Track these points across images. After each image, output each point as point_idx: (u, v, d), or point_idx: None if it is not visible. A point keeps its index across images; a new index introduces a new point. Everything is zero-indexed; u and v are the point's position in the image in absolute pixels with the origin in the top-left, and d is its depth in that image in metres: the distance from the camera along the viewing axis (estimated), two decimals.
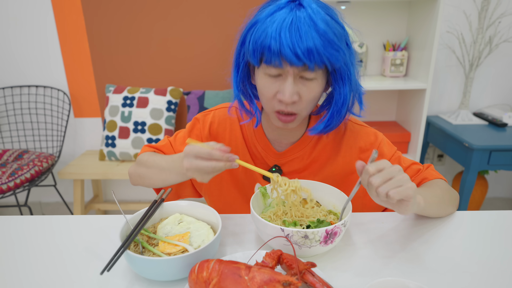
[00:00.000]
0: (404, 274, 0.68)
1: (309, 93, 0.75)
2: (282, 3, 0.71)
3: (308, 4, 0.70)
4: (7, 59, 2.34)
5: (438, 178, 0.90)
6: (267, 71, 0.74)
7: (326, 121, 0.82)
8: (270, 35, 0.68)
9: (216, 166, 0.69)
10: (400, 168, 0.66)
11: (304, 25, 0.68)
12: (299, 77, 0.74)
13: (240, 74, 0.83)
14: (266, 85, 0.76)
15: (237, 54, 0.81)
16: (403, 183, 0.64)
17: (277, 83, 0.74)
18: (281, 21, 0.68)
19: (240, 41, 0.79)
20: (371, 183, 0.65)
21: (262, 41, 0.70)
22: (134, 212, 0.84)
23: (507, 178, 2.64)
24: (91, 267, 0.71)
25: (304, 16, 0.68)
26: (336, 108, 0.80)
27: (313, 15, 0.68)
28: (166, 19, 2.27)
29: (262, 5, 0.76)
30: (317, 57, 0.68)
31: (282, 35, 0.67)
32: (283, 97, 0.73)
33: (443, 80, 2.38)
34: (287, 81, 0.73)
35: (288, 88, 0.73)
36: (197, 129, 0.95)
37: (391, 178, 0.64)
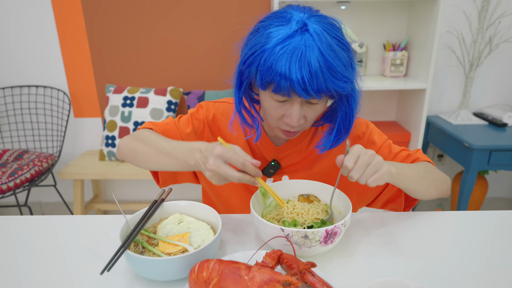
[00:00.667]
0: (404, 274, 0.68)
1: (314, 113, 0.78)
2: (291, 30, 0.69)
3: (315, 31, 0.68)
4: (7, 59, 2.34)
5: (424, 160, 0.91)
6: (274, 97, 0.74)
7: (333, 137, 0.83)
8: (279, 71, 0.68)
9: (243, 179, 0.68)
10: (373, 152, 0.71)
11: (315, 60, 0.67)
12: (305, 101, 0.75)
13: (242, 91, 0.82)
14: (272, 108, 0.77)
15: (239, 72, 0.80)
16: (378, 167, 0.70)
17: (283, 107, 0.76)
18: (291, 53, 0.67)
19: (244, 62, 0.76)
20: (352, 178, 0.70)
21: (271, 74, 0.69)
22: (134, 212, 0.84)
23: (507, 178, 2.64)
24: (91, 267, 0.71)
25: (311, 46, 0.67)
26: (343, 124, 0.82)
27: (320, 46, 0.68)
28: (166, 19, 2.28)
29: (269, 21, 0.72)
30: (326, 91, 0.70)
31: (292, 69, 0.67)
32: (290, 122, 0.76)
33: (443, 80, 2.38)
34: (294, 107, 0.74)
35: (296, 114, 0.74)
36: (201, 114, 0.95)
37: (367, 165, 0.70)
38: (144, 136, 0.86)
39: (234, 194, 0.96)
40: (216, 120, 0.95)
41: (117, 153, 0.91)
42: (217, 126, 0.95)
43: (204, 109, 0.96)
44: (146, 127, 0.92)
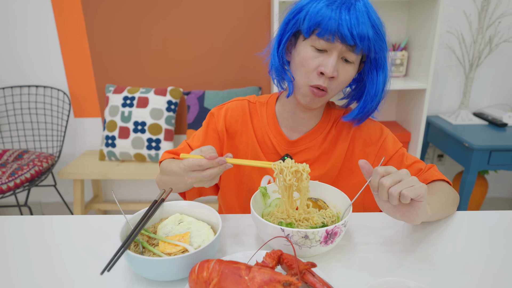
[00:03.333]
0: (404, 274, 0.68)
1: (345, 74, 0.81)
2: None
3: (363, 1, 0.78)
4: (7, 59, 2.34)
5: (439, 178, 0.89)
6: (315, 44, 0.78)
7: (359, 108, 0.88)
8: (330, 12, 0.74)
9: (212, 173, 0.71)
10: (408, 172, 0.67)
11: (362, 13, 0.76)
12: (341, 57, 0.80)
13: (283, 44, 0.85)
14: (309, 57, 0.80)
15: (286, 21, 0.84)
16: (414, 183, 0.65)
17: (320, 57, 0.79)
18: (341, 3, 0.75)
19: (295, 10, 0.81)
20: (382, 184, 0.65)
21: (321, 15, 0.75)
22: (134, 212, 0.84)
23: (507, 178, 2.64)
24: (91, 267, 0.71)
25: (360, 7, 0.76)
26: (369, 96, 0.86)
27: (368, 8, 0.77)
28: (166, 19, 2.28)
29: None
30: (367, 42, 0.76)
31: (342, 15, 0.74)
32: (325, 69, 0.78)
33: (443, 80, 2.38)
34: (332, 57, 0.78)
35: (332, 62, 0.78)
36: (213, 123, 0.98)
37: (400, 180, 0.65)
38: (163, 168, 0.94)
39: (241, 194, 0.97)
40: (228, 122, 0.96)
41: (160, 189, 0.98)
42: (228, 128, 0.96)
43: (215, 117, 0.98)
44: (163, 159, 0.98)
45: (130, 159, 2.32)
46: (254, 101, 0.99)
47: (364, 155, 0.93)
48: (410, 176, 0.66)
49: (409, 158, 0.93)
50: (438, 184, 0.88)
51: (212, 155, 0.70)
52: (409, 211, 0.67)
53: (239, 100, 0.99)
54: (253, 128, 0.96)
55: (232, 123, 0.97)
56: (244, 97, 1.00)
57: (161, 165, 0.97)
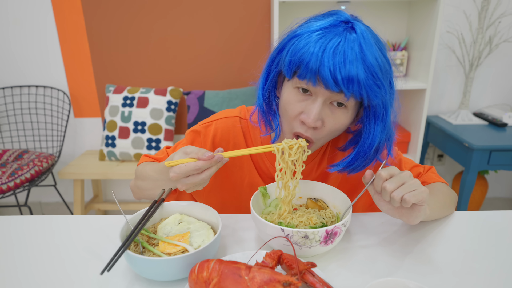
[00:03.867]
0: (404, 274, 0.68)
1: (334, 122, 0.71)
2: (333, 20, 0.66)
3: (361, 31, 0.65)
4: (7, 59, 2.34)
5: (437, 181, 0.89)
6: (298, 85, 0.69)
7: (349, 160, 0.75)
8: (311, 51, 0.63)
9: (211, 174, 0.68)
10: (410, 174, 0.67)
11: (352, 51, 0.63)
12: (329, 101, 0.69)
13: (269, 84, 0.77)
14: (292, 101, 0.71)
15: (270, 60, 0.75)
16: (416, 187, 0.65)
17: (304, 102, 0.70)
18: (327, 40, 0.63)
19: (278, 48, 0.73)
20: (385, 188, 0.65)
21: (302, 54, 0.65)
22: (134, 212, 0.84)
23: (507, 178, 2.64)
24: (91, 267, 0.71)
25: (353, 41, 0.63)
26: (362, 147, 0.74)
27: (363, 44, 0.63)
28: (166, 19, 2.28)
29: (311, 18, 0.70)
30: (357, 87, 0.63)
31: (325, 55, 0.62)
32: (306, 119, 0.69)
33: (443, 80, 2.38)
34: (316, 103, 0.68)
35: (315, 110, 0.68)
36: (198, 143, 0.89)
37: (403, 183, 0.65)
38: (138, 172, 0.88)
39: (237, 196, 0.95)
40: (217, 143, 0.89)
41: (134, 196, 0.93)
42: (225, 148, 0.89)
43: (201, 137, 0.89)
44: (141, 162, 0.93)
45: (130, 159, 2.32)
46: (246, 117, 0.89)
47: None
48: (413, 179, 0.66)
49: (407, 163, 0.92)
50: (437, 185, 0.88)
51: (209, 155, 0.66)
52: (409, 212, 0.68)
53: (229, 118, 0.89)
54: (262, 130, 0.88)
55: (223, 145, 0.89)
56: (234, 111, 0.91)
57: (136, 169, 0.90)
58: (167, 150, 0.94)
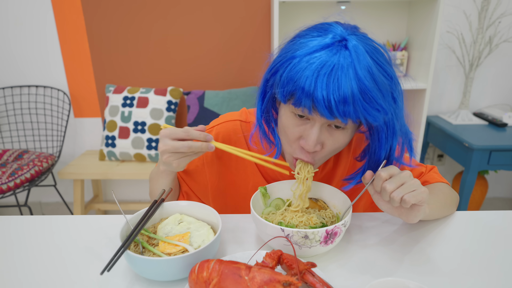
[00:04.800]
0: (404, 274, 0.68)
1: (334, 143, 0.70)
2: (327, 42, 0.62)
3: (355, 49, 0.61)
4: (7, 59, 2.34)
5: (439, 181, 0.89)
6: (294, 111, 0.68)
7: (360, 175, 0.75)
8: (305, 78, 0.61)
9: (193, 146, 0.68)
10: (410, 174, 0.67)
11: (346, 75, 0.59)
12: (327, 125, 0.68)
13: (266, 103, 0.75)
14: (290, 126, 0.70)
15: (264, 82, 0.73)
16: (416, 187, 0.65)
17: (302, 126, 0.69)
18: (320, 65, 0.60)
19: (271, 70, 0.69)
20: (385, 188, 0.65)
21: (295, 82, 0.62)
22: (134, 212, 0.84)
23: (507, 178, 2.64)
24: (91, 267, 0.71)
25: (347, 64, 0.60)
26: (371, 160, 0.73)
27: (357, 64, 0.60)
28: (166, 19, 2.28)
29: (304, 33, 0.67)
30: (353, 113, 0.61)
31: (318, 83, 0.60)
32: (305, 145, 0.68)
33: (443, 80, 2.38)
34: (313, 129, 0.67)
35: (313, 136, 0.66)
36: None
37: (403, 183, 0.65)
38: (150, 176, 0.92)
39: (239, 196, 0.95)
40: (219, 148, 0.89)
41: None
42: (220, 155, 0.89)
43: None
44: None
45: (130, 159, 2.32)
46: (247, 119, 0.88)
47: None
48: (413, 179, 0.66)
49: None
50: (438, 185, 0.88)
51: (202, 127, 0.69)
52: (408, 212, 0.69)
53: (230, 121, 0.89)
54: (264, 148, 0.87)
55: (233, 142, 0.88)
56: (235, 114, 0.90)
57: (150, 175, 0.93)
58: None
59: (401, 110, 0.68)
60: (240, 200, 0.94)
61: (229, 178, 0.92)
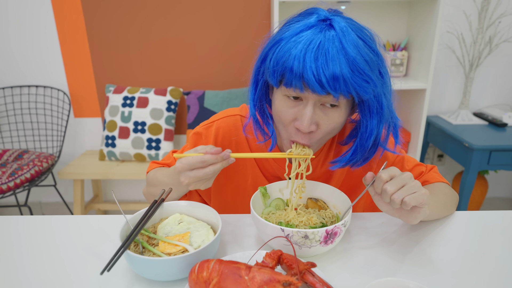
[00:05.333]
0: (404, 274, 0.68)
1: (329, 123, 0.70)
2: (311, 21, 0.64)
3: (339, 26, 0.63)
4: (7, 59, 2.34)
5: (439, 181, 0.89)
6: (286, 93, 0.68)
7: (350, 155, 0.75)
8: (293, 57, 0.62)
9: (215, 170, 0.68)
10: (411, 175, 0.67)
11: (333, 49, 0.61)
12: (320, 103, 0.68)
13: (258, 92, 0.76)
14: (283, 109, 0.70)
15: (256, 70, 0.74)
16: (416, 189, 0.65)
17: (295, 108, 0.69)
18: (307, 42, 0.62)
19: (261, 57, 0.72)
20: (385, 190, 0.65)
21: (284, 62, 0.64)
22: (134, 212, 0.84)
23: (507, 178, 2.64)
24: (91, 267, 0.71)
25: (333, 38, 0.62)
26: (360, 141, 0.73)
27: (343, 39, 0.62)
28: (166, 19, 2.28)
29: (289, 19, 0.70)
30: (343, 86, 0.62)
31: (306, 59, 0.61)
32: (300, 125, 0.69)
33: (443, 80, 2.38)
34: (307, 108, 0.67)
35: (307, 115, 0.67)
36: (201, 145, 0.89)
37: (404, 185, 0.65)
38: (150, 178, 0.91)
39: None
40: (219, 144, 0.89)
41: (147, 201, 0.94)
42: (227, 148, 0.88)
43: (203, 138, 0.89)
44: (150, 169, 0.95)
45: (130, 159, 2.32)
46: (247, 115, 0.88)
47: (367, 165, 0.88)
48: (413, 181, 0.67)
49: (410, 161, 0.92)
50: (438, 185, 0.88)
51: (216, 149, 0.68)
52: (409, 214, 0.69)
53: (230, 116, 0.89)
54: (251, 149, 0.89)
55: (225, 145, 0.88)
56: (235, 110, 0.91)
57: (147, 176, 0.92)
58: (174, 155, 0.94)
59: (388, 88, 0.70)
60: (238, 196, 0.94)
61: (228, 174, 0.92)
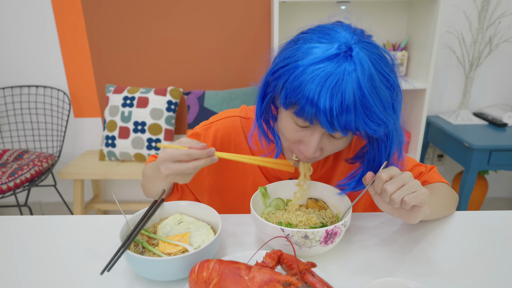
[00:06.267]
0: (404, 274, 0.68)
1: (333, 148, 0.71)
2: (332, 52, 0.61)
3: (359, 60, 0.60)
4: (7, 59, 2.34)
5: (439, 181, 0.89)
6: (295, 120, 0.67)
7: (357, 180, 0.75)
8: (307, 93, 0.60)
9: (197, 165, 0.68)
10: (411, 175, 0.67)
11: (350, 91, 0.59)
12: (327, 133, 0.68)
13: (266, 103, 0.74)
14: (290, 130, 0.70)
15: (265, 82, 0.72)
16: (416, 189, 0.65)
17: (302, 132, 0.69)
18: (324, 77, 0.59)
19: (273, 73, 0.68)
20: (385, 190, 0.65)
21: (297, 94, 0.61)
22: (134, 212, 0.84)
23: (507, 178, 2.64)
24: (91, 267, 0.71)
25: (351, 77, 0.59)
26: (368, 168, 0.74)
27: (361, 77, 0.59)
28: (166, 19, 2.28)
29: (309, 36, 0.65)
30: (354, 128, 0.61)
31: (321, 98, 0.59)
32: (305, 151, 0.69)
33: (443, 80, 2.38)
34: (314, 137, 0.67)
35: (313, 144, 0.67)
36: None
37: (403, 184, 0.65)
38: (143, 171, 0.90)
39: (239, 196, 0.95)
40: (218, 144, 0.88)
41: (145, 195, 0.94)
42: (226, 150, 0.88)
43: (202, 139, 0.89)
44: (148, 161, 0.94)
45: (130, 159, 2.32)
46: (247, 116, 0.88)
47: None
48: (413, 180, 0.67)
49: (409, 162, 0.92)
50: (438, 185, 0.88)
51: (202, 145, 0.67)
52: (409, 213, 0.69)
53: (230, 117, 0.89)
54: (251, 150, 0.88)
55: (224, 146, 0.88)
56: (234, 111, 0.90)
57: (143, 168, 0.91)
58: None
59: (398, 118, 0.69)
60: (238, 197, 0.94)
61: (228, 175, 0.92)
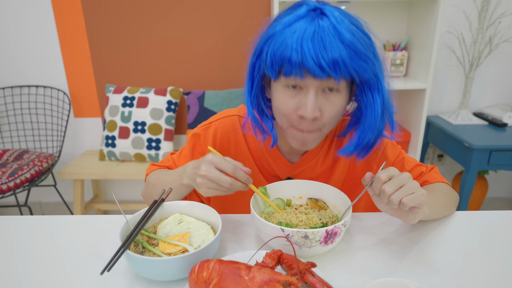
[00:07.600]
0: (404, 274, 0.68)
1: (332, 108, 0.70)
2: (301, 13, 0.66)
3: (331, 13, 0.65)
4: (7, 59, 2.34)
5: (439, 181, 0.89)
6: (286, 83, 0.69)
7: (358, 139, 0.74)
8: (290, 46, 0.63)
9: (233, 184, 0.69)
10: (410, 176, 0.67)
11: (328, 35, 0.62)
12: (321, 90, 0.69)
13: (255, 89, 0.75)
14: (284, 99, 0.70)
15: (251, 67, 0.74)
16: (414, 190, 0.65)
17: (297, 97, 0.70)
18: (302, 31, 0.63)
19: (256, 53, 0.72)
20: (384, 191, 0.65)
21: (281, 53, 0.65)
22: (134, 212, 0.84)
23: (507, 178, 2.64)
24: (91, 267, 0.71)
25: (327, 25, 0.63)
26: (367, 123, 0.73)
27: (337, 25, 0.63)
28: (166, 19, 2.28)
29: (278, 15, 0.71)
30: (344, 68, 0.63)
31: (304, 46, 0.62)
32: (304, 112, 0.68)
33: (443, 80, 2.38)
34: (309, 95, 0.68)
35: (310, 102, 0.67)
36: (199, 146, 0.90)
37: (402, 185, 0.65)
38: (150, 179, 0.91)
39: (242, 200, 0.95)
40: (217, 144, 0.89)
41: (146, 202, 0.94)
42: (218, 150, 0.88)
43: (201, 139, 0.89)
44: (151, 171, 0.94)
45: (130, 159, 2.32)
46: (245, 115, 0.87)
47: (367, 166, 0.90)
48: (412, 181, 0.67)
49: (410, 162, 0.92)
50: (438, 185, 0.88)
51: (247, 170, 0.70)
52: (407, 214, 0.69)
53: (228, 117, 0.89)
54: (249, 149, 0.89)
55: (224, 145, 0.88)
56: (233, 110, 0.90)
57: (147, 177, 0.91)
58: (172, 157, 0.95)
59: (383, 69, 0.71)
60: (238, 196, 0.94)
61: None
